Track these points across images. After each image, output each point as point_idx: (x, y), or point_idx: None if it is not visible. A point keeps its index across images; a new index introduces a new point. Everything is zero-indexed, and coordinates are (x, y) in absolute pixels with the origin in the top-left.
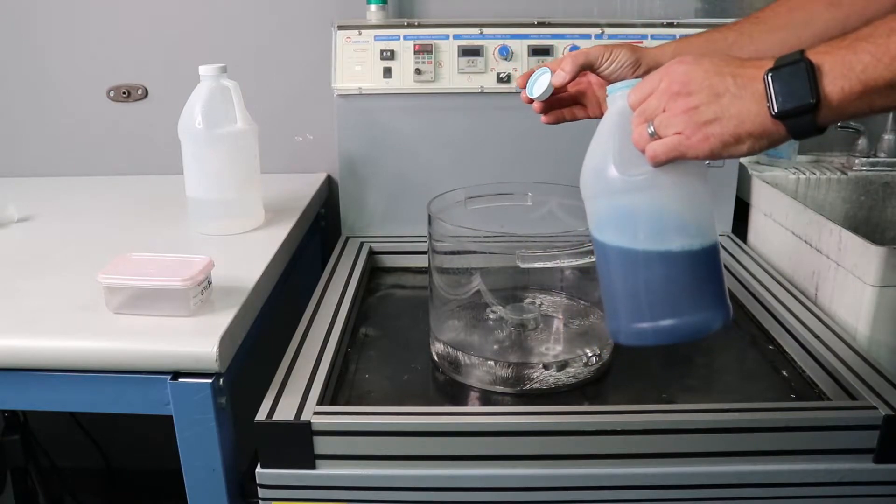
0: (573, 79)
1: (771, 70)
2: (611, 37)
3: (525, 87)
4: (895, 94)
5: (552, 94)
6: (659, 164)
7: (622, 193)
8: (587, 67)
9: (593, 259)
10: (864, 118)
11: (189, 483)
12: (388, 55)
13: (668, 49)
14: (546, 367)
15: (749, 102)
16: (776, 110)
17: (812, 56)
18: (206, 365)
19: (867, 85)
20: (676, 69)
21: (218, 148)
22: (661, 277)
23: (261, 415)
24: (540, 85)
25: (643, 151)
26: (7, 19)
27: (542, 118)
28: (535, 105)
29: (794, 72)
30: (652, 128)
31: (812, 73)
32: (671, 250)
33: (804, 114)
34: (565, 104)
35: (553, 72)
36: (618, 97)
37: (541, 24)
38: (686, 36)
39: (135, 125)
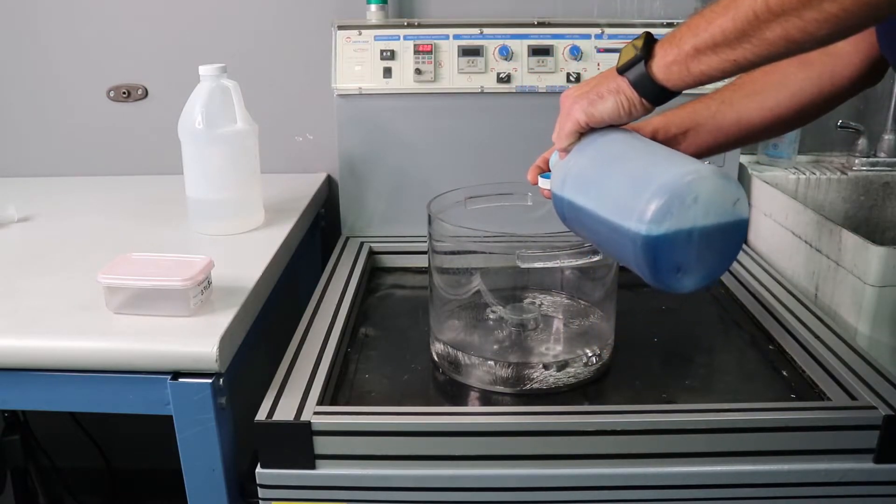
0: None
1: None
2: (611, 37)
3: (537, 182)
4: (702, 58)
5: None
6: (564, 144)
7: (567, 175)
8: None
9: (594, 259)
10: (858, 116)
11: (189, 483)
12: (388, 55)
13: (653, 122)
14: (546, 367)
15: (606, 73)
16: (618, 66)
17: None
18: (206, 365)
19: (680, 49)
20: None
21: (218, 148)
22: (630, 193)
23: (261, 415)
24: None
25: (557, 147)
26: (7, 19)
27: None
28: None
29: (637, 40)
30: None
31: (649, 40)
32: (621, 179)
33: (637, 63)
34: None
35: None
36: (551, 161)
37: (541, 24)
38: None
39: (135, 125)
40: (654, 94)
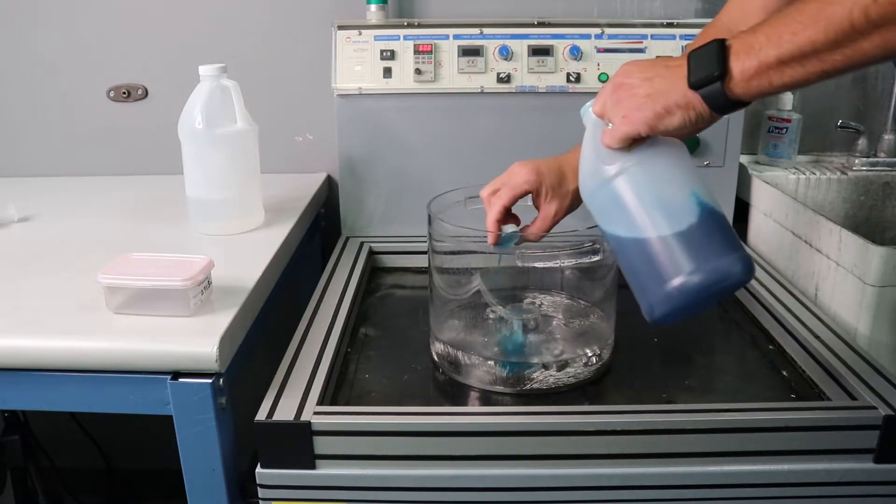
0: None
1: (692, 51)
2: (611, 37)
3: (496, 243)
4: (786, 70)
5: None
6: (615, 147)
7: (609, 182)
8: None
9: (594, 259)
10: (858, 116)
11: (189, 483)
12: (388, 55)
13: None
14: (546, 367)
15: (674, 79)
16: (691, 81)
17: (729, 40)
18: (206, 365)
19: (761, 62)
20: (619, 71)
21: (218, 148)
22: (662, 245)
23: (261, 415)
24: (510, 241)
25: (603, 143)
26: (7, 19)
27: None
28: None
29: (708, 50)
30: (610, 124)
31: (722, 51)
32: (663, 222)
33: (713, 82)
34: None
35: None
36: (589, 113)
37: (541, 24)
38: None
39: (135, 125)
40: (728, 107)
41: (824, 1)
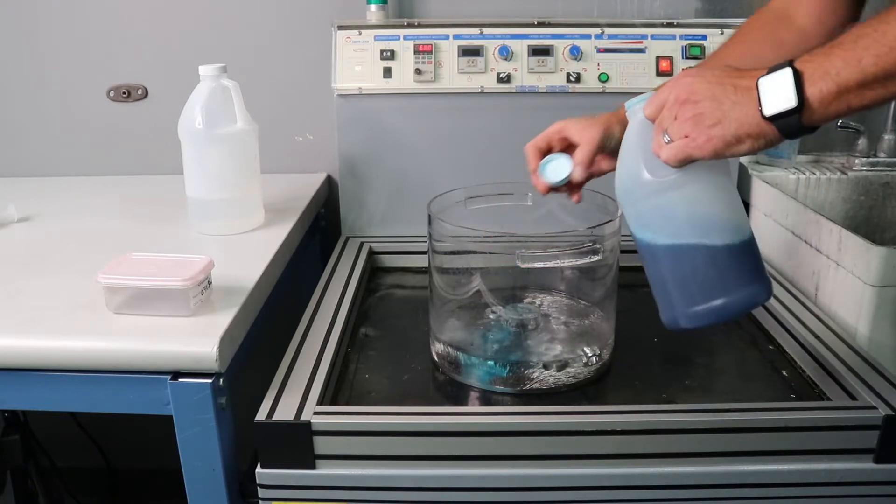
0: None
1: (762, 77)
2: (611, 37)
3: (537, 173)
4: (866, 92)
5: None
6: (671, 165)
7: (656, 194)
8: (598, 153)
9: (594, 259)
10: (859, 116)
11: (189, 483)
12: (388, 55)
13: None
14: (546, 367)
15: (746, 107)
16: (766, 113)
17: (797, 64)
18: (206, 365)
19: (840, 86)
20: (682, 81)
21: (218, 148)
22: (704, 265)
23: (261, 415)
24: (557, 172)
25: (660, 157)
26: (7, 19)
27: (574, 198)
28: (544, 188)
29: (782, 78)
30: (668, 137)
31: (797, 79)
32: (708, 241)
33: (790, 115)
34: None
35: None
36: (637, 111)
37: (541, 24)
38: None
39: (135, 125)
40: (800, 133)
41: None
